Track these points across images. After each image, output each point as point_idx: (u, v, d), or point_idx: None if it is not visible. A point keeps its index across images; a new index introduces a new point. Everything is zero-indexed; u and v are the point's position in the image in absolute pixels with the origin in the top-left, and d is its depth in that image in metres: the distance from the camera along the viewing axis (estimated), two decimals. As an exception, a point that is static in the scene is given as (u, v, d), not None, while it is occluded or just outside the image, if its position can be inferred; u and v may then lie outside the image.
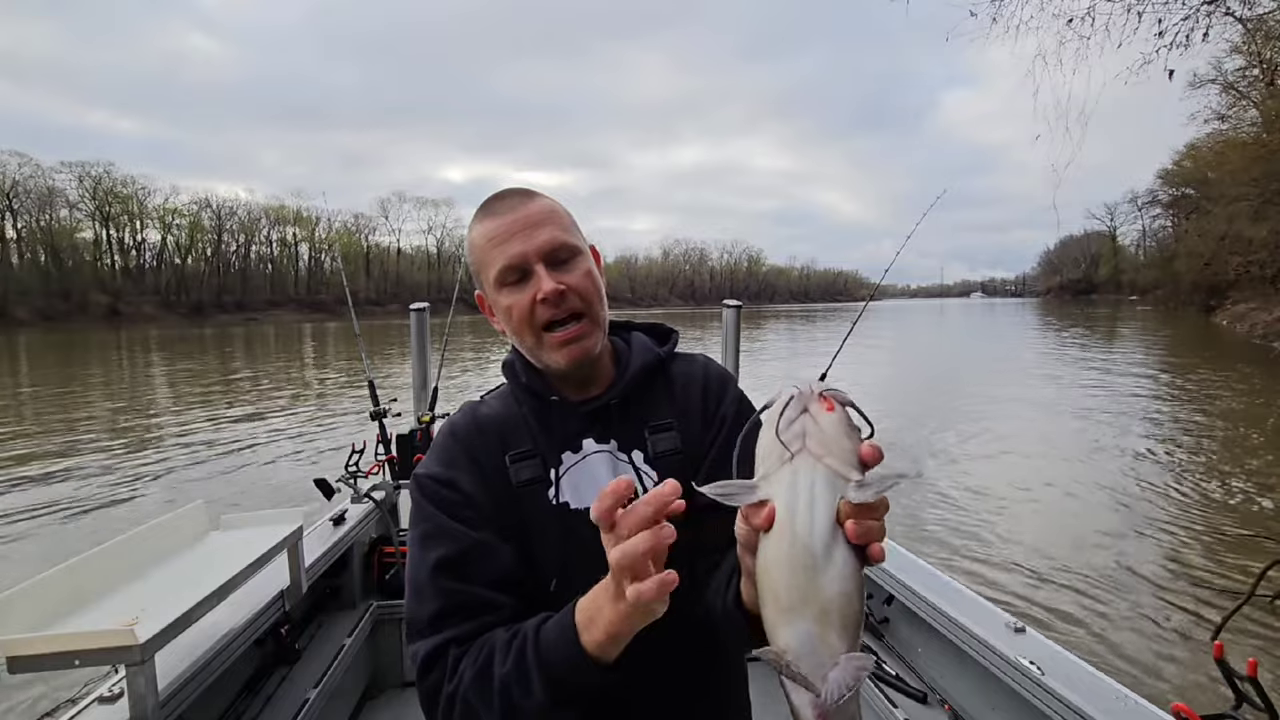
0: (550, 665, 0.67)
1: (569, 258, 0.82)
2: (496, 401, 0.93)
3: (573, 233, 0.85)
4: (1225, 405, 10.73)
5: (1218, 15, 7.91)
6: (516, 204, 0.83)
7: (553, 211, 0.84)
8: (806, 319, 54.17)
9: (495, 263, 0.81)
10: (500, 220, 0.82)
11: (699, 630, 0.80)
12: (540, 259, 0.80)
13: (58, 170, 68.24)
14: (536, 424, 0.88)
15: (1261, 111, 26.36)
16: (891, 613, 2.08)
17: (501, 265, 0.81)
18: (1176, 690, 3.15)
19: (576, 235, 0.86)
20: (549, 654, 0.68)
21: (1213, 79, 27.03)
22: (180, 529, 1.69)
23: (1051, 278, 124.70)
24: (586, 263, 0.84)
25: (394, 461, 2.76)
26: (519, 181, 20.71)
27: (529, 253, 0.80)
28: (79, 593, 1.34)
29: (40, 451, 8.97)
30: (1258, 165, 25.81)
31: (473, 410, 0.93)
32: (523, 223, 0.81)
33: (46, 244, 65.28)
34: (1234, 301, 31.45)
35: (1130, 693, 1.25)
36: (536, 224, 0.81)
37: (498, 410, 0.91)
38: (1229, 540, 4.94)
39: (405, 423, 2.87)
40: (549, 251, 0.81)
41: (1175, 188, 50.45)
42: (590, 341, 0.83)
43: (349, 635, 2.23)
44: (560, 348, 0.82)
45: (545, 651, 0.68)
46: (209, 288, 77.05)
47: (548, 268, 0.80)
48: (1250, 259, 28.54)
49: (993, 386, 13.00)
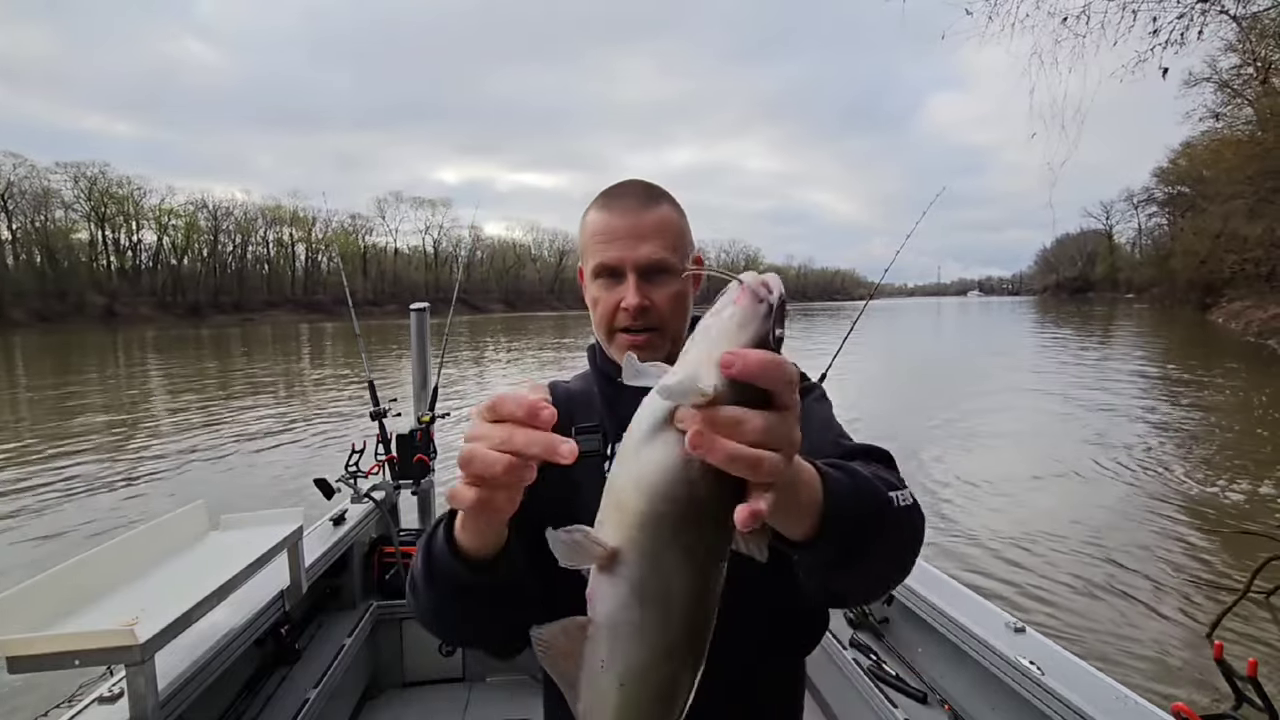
0: (432, 540, 0.66)
1: (663, 274, 0.84)
2: (576, 380, 1.00)
3: (678, 250, 0.86)
4: (1219, 403, 10.77)
5: (1212, 13, 7.94)
6: (633, 207, 0.84)
7: (663, 226, 0.84)
8: (806, 318, 54.22)
9: (595, 256, 0.85)
10: (612, 219, 0.84)
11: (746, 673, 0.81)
12: (635, 270, 0.83)
13: (53, 171, 68.16)
14: (604, 403, 0.93)
15: (1256, 109, 26.44)
16: (891, 613, 2.08)
17: (599, 262, 0.84)
18: (1177, 690, 3.16)
19: (681, 252, 0.87)
20: (436, 531, 0.66)
21: (1208, 77, 27.14)
22: (180, 529, 1.69)
23: (1048, 276, 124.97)
24: (678, 284, 0.86)
25: (394, 461, 2.76)
26: (514, 183, 20.64)
27: (626, 261, 0.83)
28: (79, 593, 1.33)
29: (39, 453, 8.94)
30: (1253, 163, 25.89)
31: (551, 386, 0.98)
32: (632, 230, 0.83)
33: (42, 245, 65.07)
34: (1230, 299, 31.58)
35: (1130, 693, 1.26)
36: (643, 236, 0.83)
37: (574, 387, 0.97)
38: (1230, 539, 4.96)
39: (405, 422, 2.86)
40: (646, 266, 0.83)
41: (1171, 186, 50.66)
42: (653, 353, 0.84)
43: (349, 635, 2.23)
44: (624, 349, 0.85)
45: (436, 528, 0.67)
46: (205, 288, 76.87)
47: (640, 279, 0.83)
48: (1246, 257, 28.65)
49: (988, 382, 13.05)
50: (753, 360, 0.41)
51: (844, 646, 2.04)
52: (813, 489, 0.55)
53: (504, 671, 2.50)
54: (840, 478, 0.59)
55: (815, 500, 0.55)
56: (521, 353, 24.94)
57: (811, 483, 0.55)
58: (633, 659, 0.43)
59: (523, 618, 0.76)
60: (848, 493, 0.58)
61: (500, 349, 26.92)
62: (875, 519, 0.60)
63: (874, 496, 0.62)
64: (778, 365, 0.42)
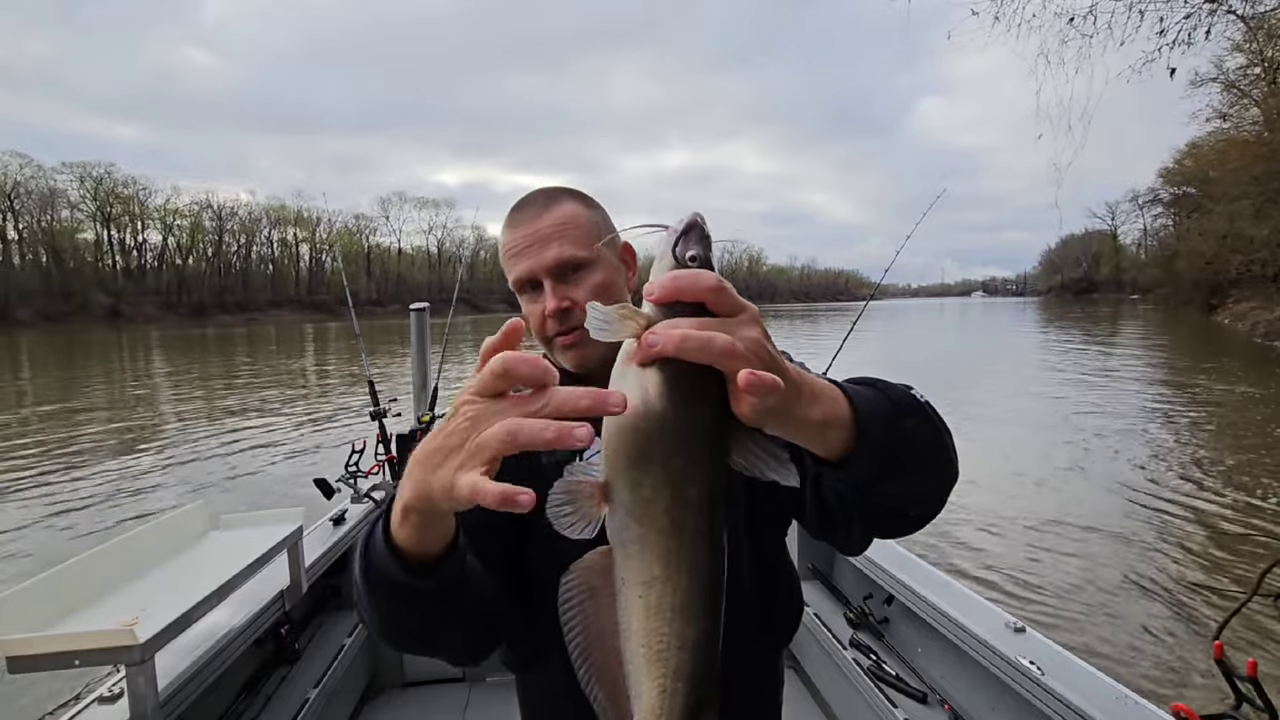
0: (370, 541, 0.59)
1: (578, 269, 0.84)
2: None
3: (589, 243, 0.85)
4: (1225, 404, 10.72)
5: (1219, 14, 7.91)
6: (531, 217, 0.84)
7: (564, 224, 0.84)
8: (808, 318, 54.14)
9: (511, 273, 0.86)
10: (515, 233, 0.85)
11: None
12: (548, 275, 0.83)
13: (59, 171, 68.56)
14: None
15: (1263, 110, 26.33)
16: (891, 613, 2.08)
17: (514, 277, 0.85)
18: (1177, 690, 3.14)
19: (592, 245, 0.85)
20: (374, 530, 0.59)
21: (1214, 77, 27.06)
22: (180, 529, 1.69)
23: (1052, 277, 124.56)
24: (597, 274, 0.85)
25: (394, 461, 2.76)
26: (512, 185, 20.65)
27: (537, 269, 0.83)
28: (79, 593, 1.34)
29: (41, 452, 8.98)
30: (1259, 164, 25.75)
31: None
32: (533, 238, 0.83)
33: (48, 245, 65.38)
34: (1236, 300, 31.41)
35: (1130, 693, 1.25)
36: (545, 239, 0.83)
37: None
38: (1230, 540, 4.94)
39: (405, 422, 2.87)
40: (555, 267, 0.83)
41: (1177, 186, 50.41)
42: (592, 349, 0.84)
43: (349, 635, 2.23)
44: (566, 351, 0.86)
45: (374, 526, 0.60)
46: (210, 288, 77.18)
47: (555, 282, 0.83)
48: (1252, 258, 28.48)
49: (992, 383, 13.00)
50: (667, 280, 0.43)
51: (844, 646, 2.04)
52: (833, 399, 0.52)
53: (504, 672, 2.50)
54: (858, 387, 0.58)
55: (841, 411, 0.52)
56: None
57: (828, 392, 0.52)
58: (641, 572, 0.46)
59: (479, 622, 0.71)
60: (871, 395, 0.57)
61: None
62: (909, 410, 0.59)
63: (898, 391, 0.61)
64: (691, 276, 0.43)
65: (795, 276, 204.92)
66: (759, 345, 0.43)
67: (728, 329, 0.42)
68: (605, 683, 0.49)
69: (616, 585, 0.47)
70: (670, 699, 0.47)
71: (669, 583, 0.46)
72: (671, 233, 0.48)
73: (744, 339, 0.42)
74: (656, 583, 0.46)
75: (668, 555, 0.45)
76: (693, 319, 0.42)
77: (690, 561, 0.46)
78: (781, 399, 0.43)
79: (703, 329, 0.41)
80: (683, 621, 0.46)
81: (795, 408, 0.48)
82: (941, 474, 0.65)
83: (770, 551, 0.92)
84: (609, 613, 0.48)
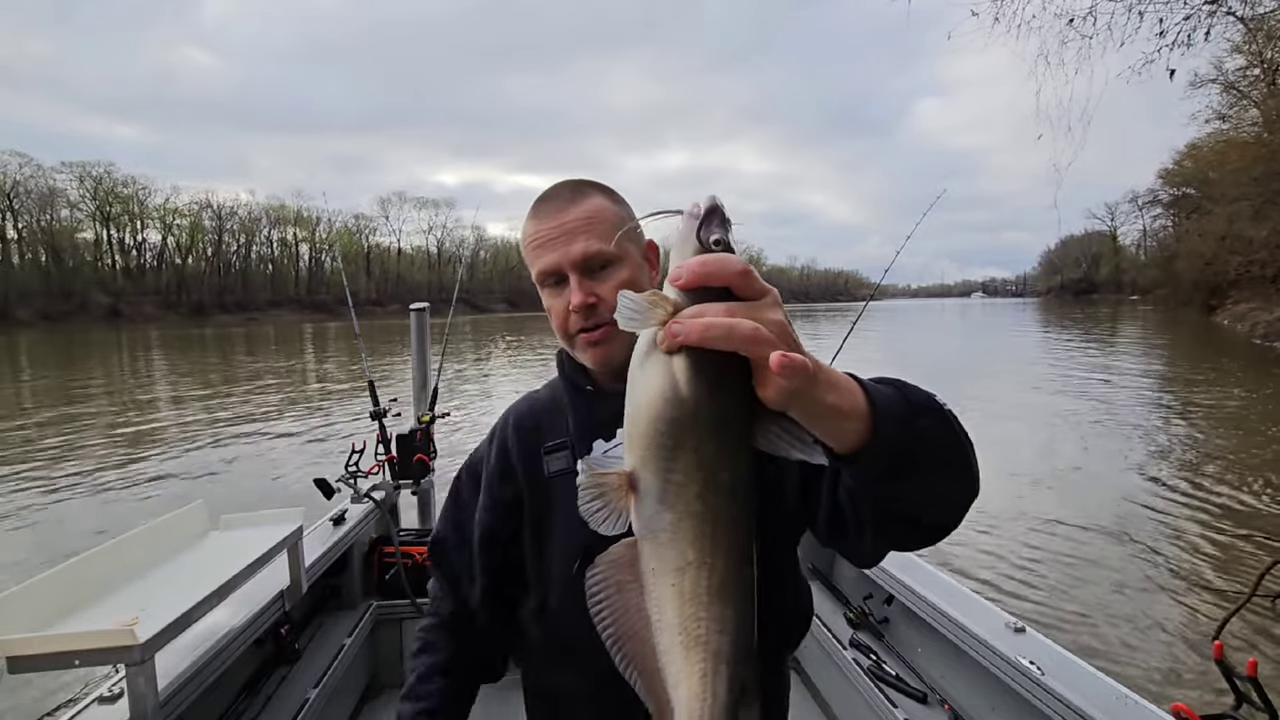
0: None
1: (604, 266, 0.83)
2: (546, 389, 1.00)
3: (611, 238, 0.84)
4: (1224, 405, 10.72)
5: (1219, 15, 7.92)
6: (557, 210, 0.84)
7: (592, 218, 0.83)
8: (808, 319, 54.16)
9: (535, 264, 0.85)
10: (540, 224, 0.84)
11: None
12: (574, 269, 0.82)
13: (58, 170, 68.58)
14: (572, 414, 0.92)
15: (1262, 111, 26.35)
16: (891, 613, 2.08)
17: (539, 269, 0.85)
18: (1177, 690, 3.14)
19: (617, 240, 0.84)
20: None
21: (1214, 79, 27.08)
22: (180, 529, 1.69)
23: (1052, 277, 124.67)
24: (623, 271, 0.84)
25: (394, 461, 2.76)
26: (512, 185, 20.67)
27: (563, 263, 0.82)
28: (79, 593, 1.34)
29: (41, 452, 8.97)
30: (1259, 165, 25.77)
31: (526, 398, 1.01)
32: (559, 230, 0.82)
33: (47, 244, 65.36)
34: (1235, 301, 31.41)
35: (1130, 693, 1.25)
36: (572, 233, 0.82)
37: (545, 397, 0.98)
38: (1229, 539, 4.94)
39: (405, 422, 2.86)
40: (582, 262, 0.82)
41: (1176, 187, 50.41)
42: (616, 345, 0.83)
43: (349, 635, 2.23)
44: (589, 348, 0.85)
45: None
46: (210, 288, 77.12)
47: (581, 277, 0.82)
48: (1251, 259, 28.49)
49: (990, 382, 13.01)
50: (694, 264, 0.43)
51: (844, 646, 2.04)
52: (850, 390, 0.52)
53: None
54: (876, 383, 0.57)
55: (857, 402, 0.52)
56: (522, 352, 24.95)
57: (845, 382, 0.52)
58: (674, 559, 0.45)
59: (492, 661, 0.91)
60: (888, 391, 0.56)
61: (502, 348, 26.92)
62: (926, 411, 0.58)
63: (917, 392, 0.60)
64: (718, 261, 0.43)
65: (795, 277, 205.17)
66: (783, 329, 0.43)
67: (753, 313, 0.42)
68: (644, 673, 0.49)
69: (644, 577, 0.47)
70: (714, 681, 0.46)
71: (704, 567, 0.46)
72: (692, 217, 0.48)
73: (768, 322, 0.42)
74: (690, 568, 0.46)
75: (701, 540, 0.45)
76: (720, 304, 0.43)
77: (726, 544, 0.46)
78: (804, 381, 0.43)
79: (730, 314, 0.42)
80: (721, 604, 0.46)
81: (814, 390, 0.47)
82: (958, 481, 0.63)
83: (780, 561, 0.92)
84: (638, 606, 0.48)
